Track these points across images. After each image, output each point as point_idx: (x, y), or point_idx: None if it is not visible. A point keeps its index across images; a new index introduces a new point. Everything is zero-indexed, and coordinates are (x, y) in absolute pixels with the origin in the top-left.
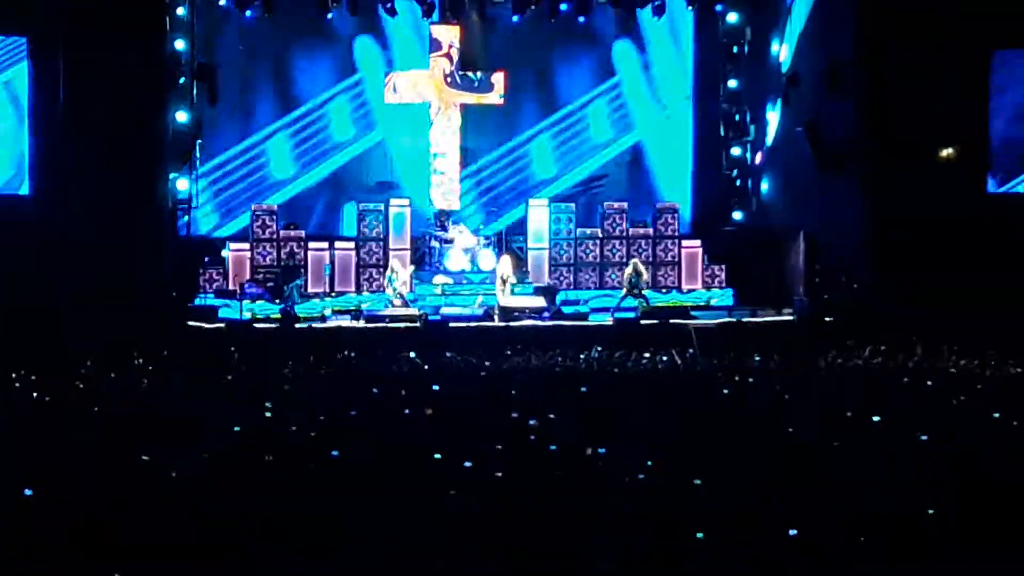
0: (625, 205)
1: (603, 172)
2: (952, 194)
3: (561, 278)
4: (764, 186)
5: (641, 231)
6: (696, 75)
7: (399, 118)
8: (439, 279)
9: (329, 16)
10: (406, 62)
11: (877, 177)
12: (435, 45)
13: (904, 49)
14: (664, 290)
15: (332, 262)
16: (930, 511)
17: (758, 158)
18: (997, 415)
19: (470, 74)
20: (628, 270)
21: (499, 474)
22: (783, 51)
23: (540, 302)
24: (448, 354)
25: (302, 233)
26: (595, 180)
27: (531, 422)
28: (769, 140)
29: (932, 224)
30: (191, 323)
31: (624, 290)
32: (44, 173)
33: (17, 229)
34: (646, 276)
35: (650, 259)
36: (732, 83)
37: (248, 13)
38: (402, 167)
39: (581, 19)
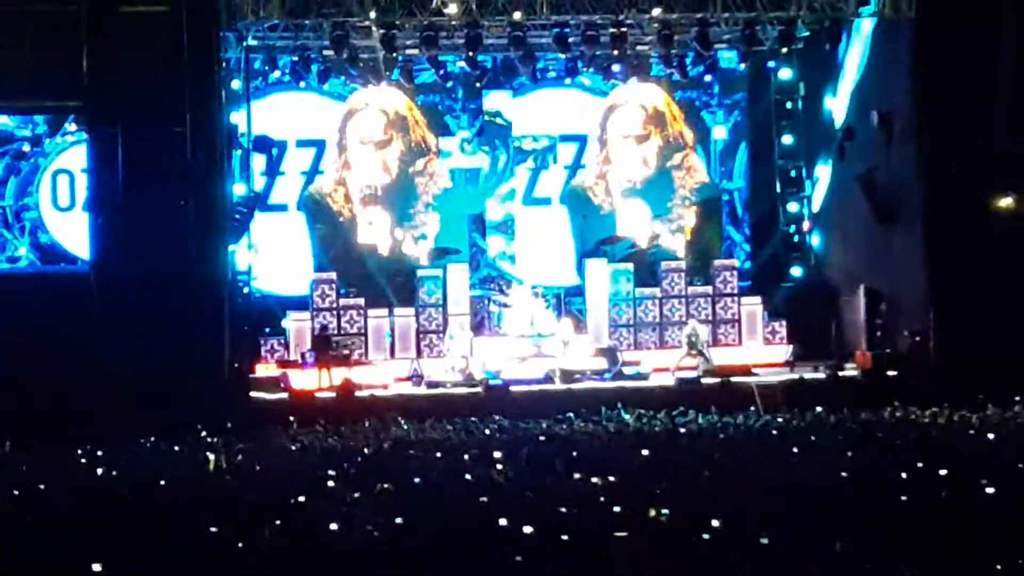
0: (683, 264)
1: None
2: (1013, 243)
3: (621, 339)
4: (816, 240)
5: (700, 289)
6: (750, 131)
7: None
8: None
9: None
10: None
11: (936, 228)
12: None
13: (960, 99)
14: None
15: (392, 329)
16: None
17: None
18: None
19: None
20: (687, 329)
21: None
22: (836, 106)
23: (601, 363)
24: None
25: (361, 301)
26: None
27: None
28: (822, 195)
29: (994, 274)
30: (253, 394)
31: (684, 350)
32: (102, 246)
33: (80, 301)
34: (704, 336)
35: (709, 317)
36: (787, 139)
37: (302, 85)
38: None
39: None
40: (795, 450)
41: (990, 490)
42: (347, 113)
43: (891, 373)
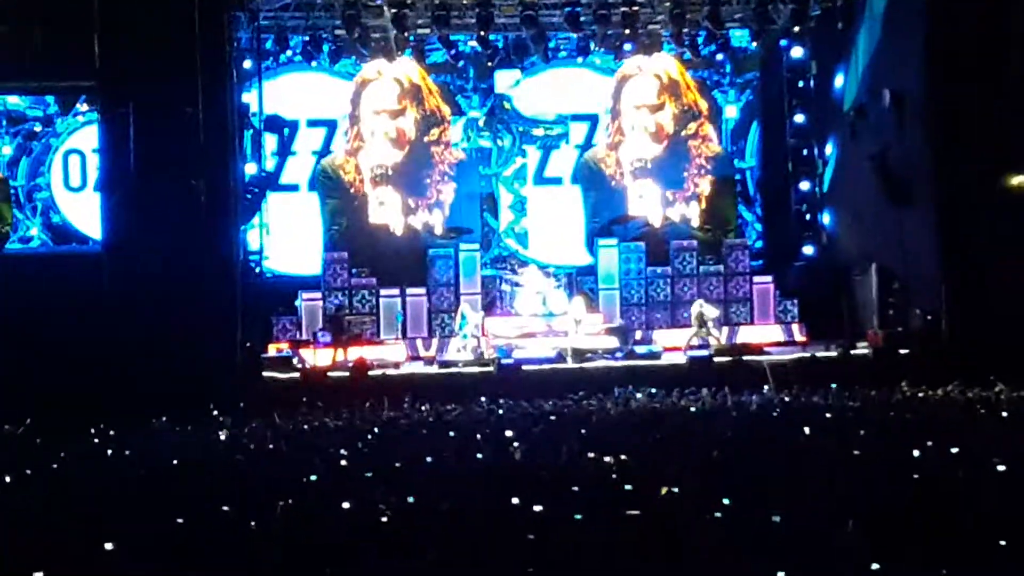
0: (695, 243)
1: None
2: None
3: (633, 318)
4: (827, 219)
5: (711, 268)
6: (761, 110)
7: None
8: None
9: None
10: None
11: (949, 208)
12: None
13: (972, 78)
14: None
15: (404, 309)
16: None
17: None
18: None
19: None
20: (695, 309)
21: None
22: (848, 85)
23: (613, 342)
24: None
25: (373, 280)
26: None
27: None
28: (833, 174)
29: (1006, 253)
30: (266, 374)
31: (694, 328)
32: (115, 226)
33: (91, 281)
34: (713, 314)
35: (721, 296)
36: (799, 118)
37: (313, 64)
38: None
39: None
40: (806, 428)
41: (1001, 468)
42: (360, 84)
43: (903, 352)
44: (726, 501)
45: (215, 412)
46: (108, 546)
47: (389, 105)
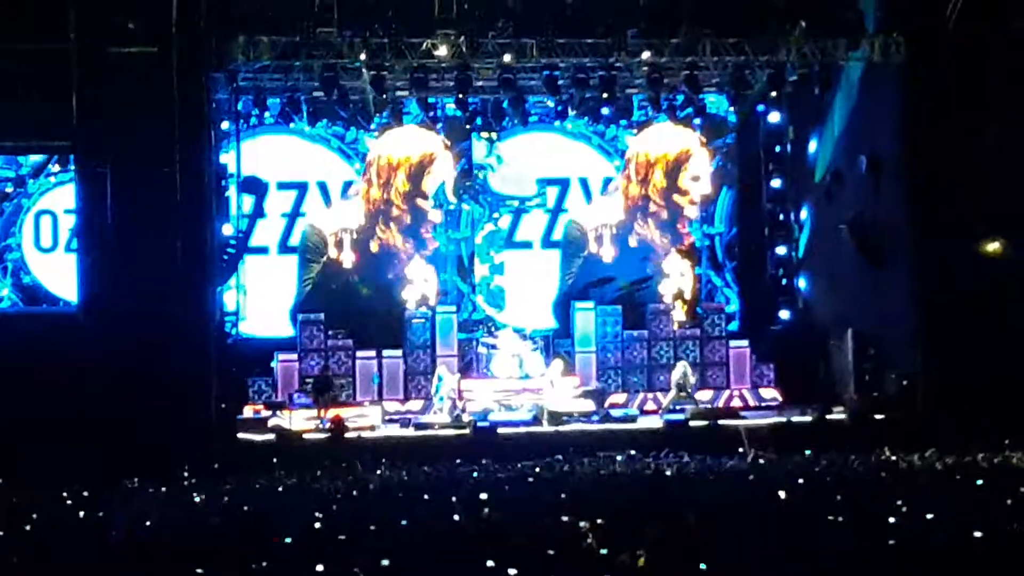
0: (672, 306)
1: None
2: (1002, 287)
3: (609, 381)
4: (803, 283)
5: (688, 332)
6: (738, 174)
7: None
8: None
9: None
10: None
11: (924, 272)
12: None
13: (948, 143)
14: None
15: (380, 371)
16: None
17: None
18: None
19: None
20: (676, 372)
21: None
22: (824, 149)
23: (589, 405)
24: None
25: (350, 342)
26: (641, 282)
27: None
28: (809, 238)
29: (982, 317)
30: (241, 435)
31: (672, 392)
32: (90, 285)
33: (65, 341)
34: (693, 379)
35: (697, 360)
36: (775, 183)
37: (291, 126)
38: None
39: (624, 122)
40: (782, 493)
41: (977, 534)
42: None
43: (879, 417)
44: (702, 566)
45: (188, 474)
46: None
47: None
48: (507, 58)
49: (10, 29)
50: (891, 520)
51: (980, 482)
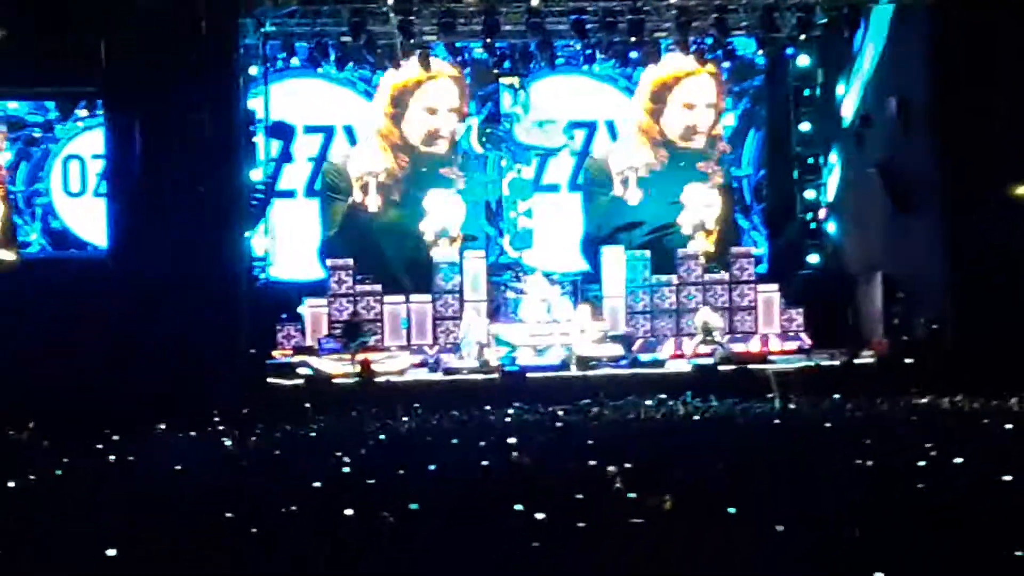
0: (700, 251)
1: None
2: None
3: (638, 326)
4: (832, 228)
5: (716, 277)
6: (767, 118)
7: None
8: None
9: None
10: None
11: (955, 217)
12: None
13: (978, 87)
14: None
15: (408, 316)
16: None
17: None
18: None
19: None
20: (699, 317)
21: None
22: (853, 92)
23: (618, 350)
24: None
25: (378, 287)
26: (666, 228)
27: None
28: (838, 182)
29: (1012, 263)
30: (270, 380)
31: (699, 336)
32: (120, 231)
33: (94, 286)
34: (718, 323)
35: (727, 304)
36: (804, 126)
37: (320, 71)
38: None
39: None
40: (810, 437)
41: (1006, 479)
42: (412, 83)
43: (908, 361)
44: (731, 510)
45: (218, 419)
46: (110, 552)
47: (450, 103)
48: (535, 2)
49: None
50: (919, 465)
51: (1009, 426)
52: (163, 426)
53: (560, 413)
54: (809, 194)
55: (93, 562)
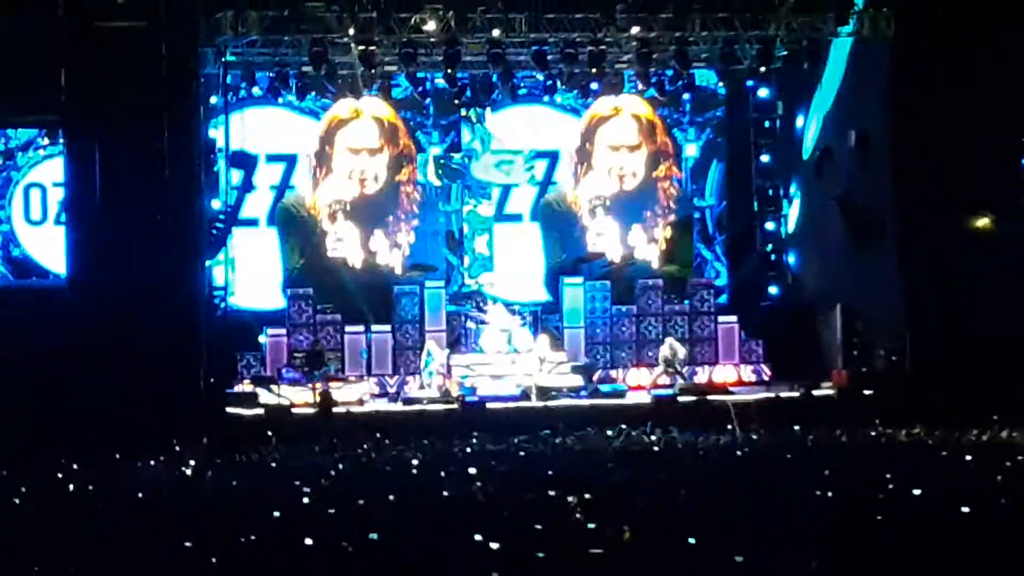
0: (660, 282)
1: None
2: (989, 262)
3: (598, 356)
4: (792, 259)
5: (677, 307)
6: (727, 150)
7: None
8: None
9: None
10: None
11: (912, 248)
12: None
13: (936, 119)
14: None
15: (368, 346)
16: None
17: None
18: None
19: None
20: (664, 348)
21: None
22: (813, 125)
23: (578, 381)
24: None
25: (338, 317)
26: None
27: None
28: (798, 214)
29: (969, 293)
30: (229, 410)
31: (660, 368)
32: (79, 259)
33: (54, 314)
34: (682, 354)
35: (686, 335)
36: (764, 158)
37: (281, 100)
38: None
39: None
40: (770, 468)
41: (965, 510)
42: (334, 122)
43: (867, 392)
44: (691, 540)
45: (178, 448)
46: None
47: (367, 144)
48: (496, 33)
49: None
50: (879, 496)
51: (968, 458)
52: (123, 454)
53: (522, 443)
54: (769, 225)
55: None
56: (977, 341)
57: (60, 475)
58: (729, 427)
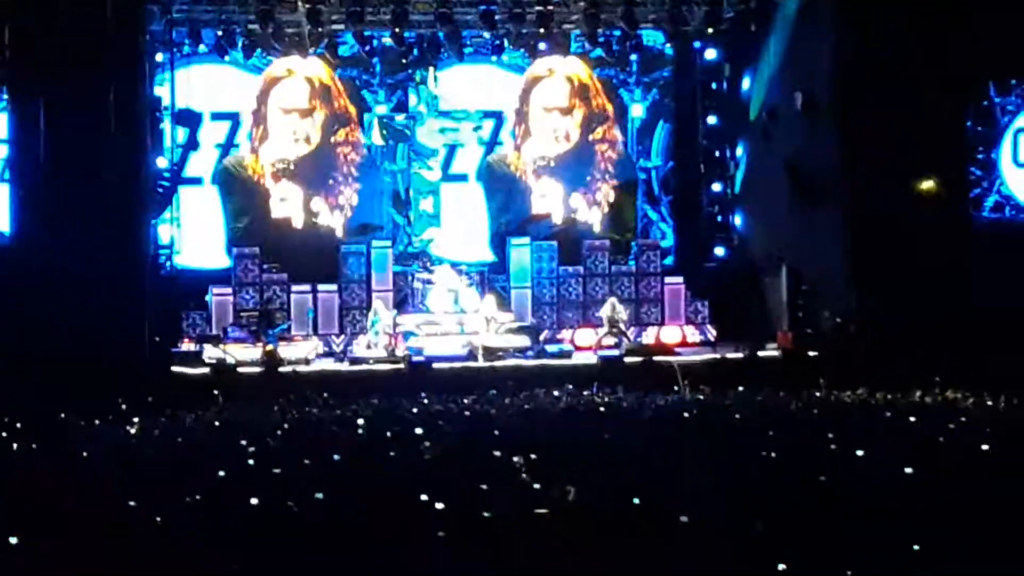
0: (607, 243)
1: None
2: (934, 225)
3: (544, 317)
4: (738, 220)
5: (624, 268)
6: (674, 111)
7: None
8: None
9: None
10: None
11: (858, 210)
12: None
13: (882, 82)
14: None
15: (315, 305)
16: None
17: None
18: (986, 447)
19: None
20: (606, 308)
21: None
22: (759, 87)
23: (524, 341)
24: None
25: (284, 276)
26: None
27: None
28: (744, 175)
29: (915, 256)
30: (175, 368)
31: (605, 328)
32: (23, 218)
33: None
34: (624, 314)
35: (632, 296)
36: (711, 119)
37: (226, 59)
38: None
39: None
40: (715, 429)
41: (908, 471)
42: (268, 81)
43: (812, 354)
44: (635, 500)
45: (123, 407)
46: (12, 540)
47: (298, 104)
48: None
49: None
50: (822, 457)
51: (912, 419)
52: (67, 413)
53: (468, 404)
54: (716, 187)
55: None
56: (921, 303)
57: (3, 435)
58: (675, 388)
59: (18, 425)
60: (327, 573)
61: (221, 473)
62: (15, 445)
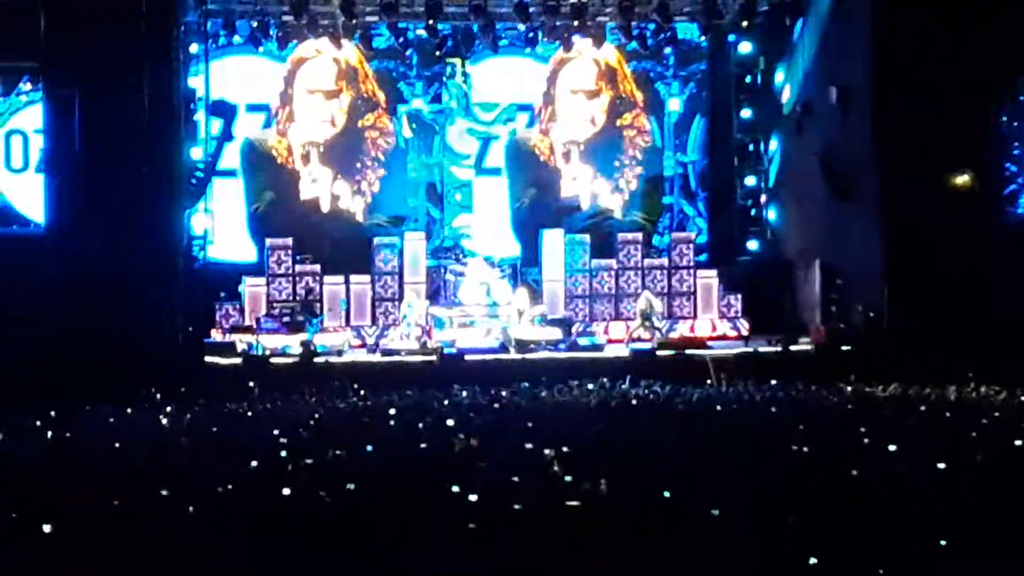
0: (640, 236)
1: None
2: (968, 220)
3: (576, 310)
4: (772, 214)
5: (656, 262)
6: (708, 104)
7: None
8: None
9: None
10: None
11: (893, 205)
12: None
13: (917, 76)
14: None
15: (348, 296)
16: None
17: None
18: (1020, 443)
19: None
20: (640, 302)
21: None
22: (794, 80)
23: (556, 334)
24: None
25: (317, 267)
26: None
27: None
28: (778, 169)
29: (948, 251)
30: (208, 359)
31: (638, 321)
32: (58, 208)
33: (31, 264)
34: (659, 308)
35: (665, 289)
36: (745, 112)
37: (260, 50)
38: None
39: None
40: (748, 423)
41: (941, 466)
42: (296, 62)
43: (845, 348)
44: (666, 494)
45: (157, 397)
46: (46, 528)
47: (324, 85)
48: None
49: None
50: (854, 451)
51: (945, 414)
52: (100, 403)
53: (500, 396)
54: (749, 180)
55: (30, 538)
56: (955, 299)
57: (38, 424)
58: (708, 382)
59: (52, 414)
60: (355, 564)
61: (253, 463)
62: (49, 434)
